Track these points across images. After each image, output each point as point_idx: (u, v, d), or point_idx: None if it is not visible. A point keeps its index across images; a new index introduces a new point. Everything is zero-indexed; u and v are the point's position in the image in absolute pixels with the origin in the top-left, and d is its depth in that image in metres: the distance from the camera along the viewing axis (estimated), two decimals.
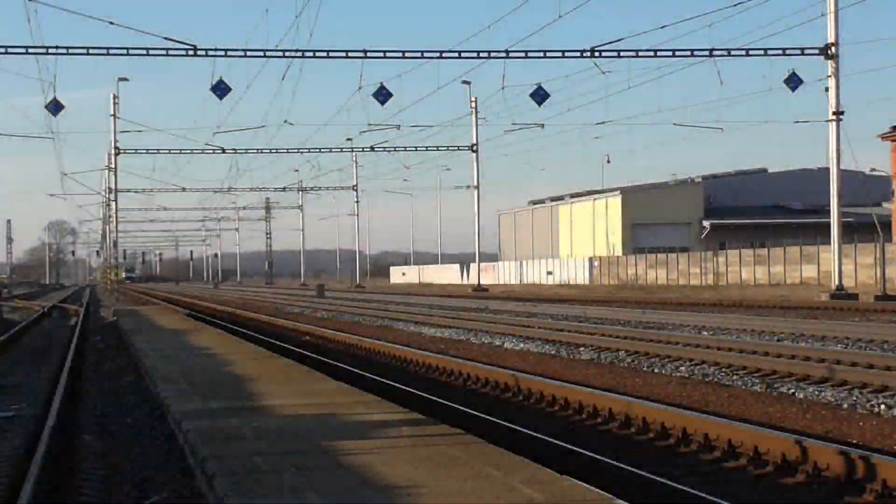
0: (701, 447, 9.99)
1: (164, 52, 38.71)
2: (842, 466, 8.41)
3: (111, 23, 36.74)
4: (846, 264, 49.52)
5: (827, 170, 42.19)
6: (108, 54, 38.53)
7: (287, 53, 39.40)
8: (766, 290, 54.66)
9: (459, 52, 40.32)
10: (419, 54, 40.34)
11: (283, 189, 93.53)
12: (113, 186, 61.70)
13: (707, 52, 39.43)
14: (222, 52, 39.41)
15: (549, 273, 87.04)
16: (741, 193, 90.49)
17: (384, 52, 40.31)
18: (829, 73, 39.37)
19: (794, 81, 39.75)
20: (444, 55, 40.30)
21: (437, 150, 64.65)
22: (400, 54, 40.30)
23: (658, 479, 8.13)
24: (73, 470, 9.84)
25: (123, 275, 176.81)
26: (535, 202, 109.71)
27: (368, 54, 39.88)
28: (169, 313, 36.09)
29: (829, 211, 41.36)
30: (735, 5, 35.62)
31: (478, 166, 65.65)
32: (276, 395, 11.04)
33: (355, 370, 16.54)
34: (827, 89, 39.64)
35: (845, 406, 12.58)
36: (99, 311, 49.83)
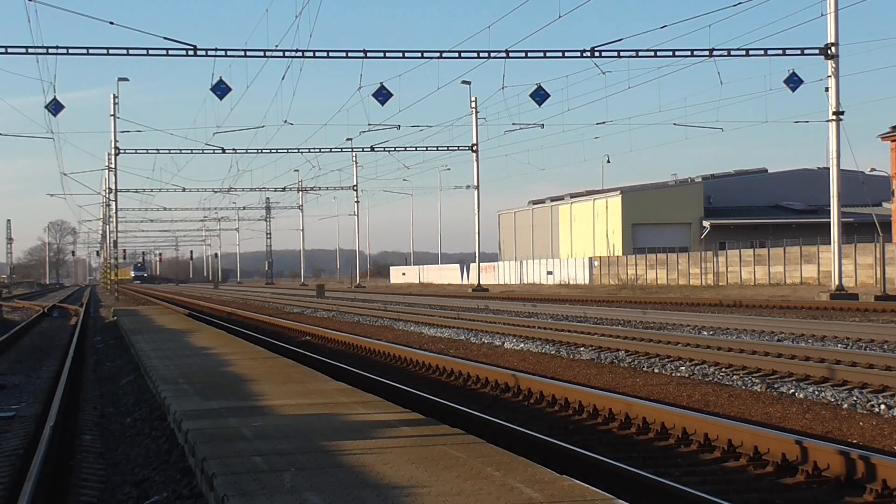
0: (701, 447, 9.98)
1: (164, 52, 38.73)
2: (842, 466, 8.41)
3: (111, 23, 36.79)
4: (846, 264, 49.62)
5: (827, 170, 42.21)
6: (108, 54, 38.59)
7: (287, 53, 39.45)
8: (766, 290, 54.66)
9: (459, 52, 40.34)
10: (419, 54, 40.36)
11: (283, 189, 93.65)
12: (113, 186, 61.73)
13: (707, 52, 39.45)
14: (222, 52, 39.44)
15: (549, 273, 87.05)
16: (741, 193, 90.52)
17: (384, 52, 40.32)
18: (829, 73, 39.37)
19: (794, 81, 39.77)
20: (444, 55, 40.31)
21: (437, 150, 64.72)
22: (400, 54, 40.31)
23: (658, 479, 8.13)
24: (73, 470, 9.85)
25: (132, 274, 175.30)
26: (535, 202, 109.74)
27: (368, 54, 39.89)
28: (169, 313, 36.08)
29: (829, 211, 41.36)
30: (735, 5, 35.70)
31: (478, 166, 65.75)
32: (276, 395, 11.04)
33: (355, 370, 16.54)
34: (827, 89, 39.65)
35: (845, 406, 12.58)
36: (99, 311, 49.83)
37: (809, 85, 40.27)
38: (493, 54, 40.07)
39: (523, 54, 40.07)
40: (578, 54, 39.55)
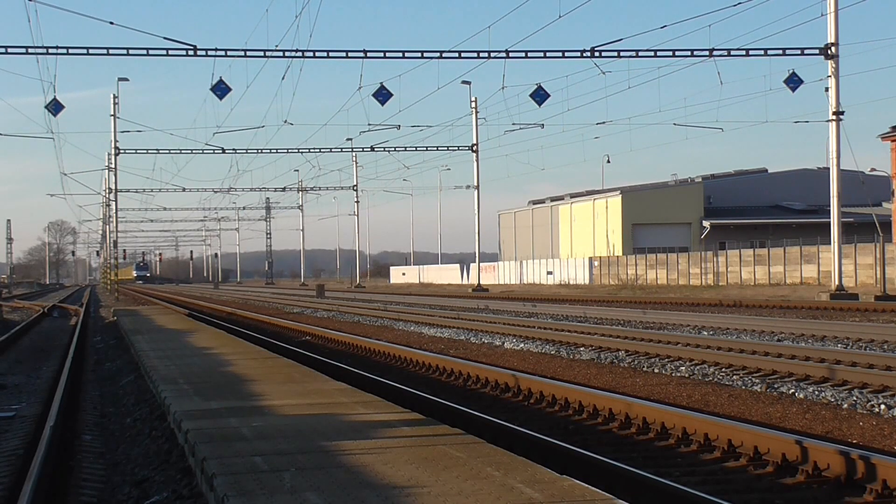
0: (701, 447, 9.99)
1: (164, 52, 38.73)
2: (842, 466, 8.41)
3: (111, 23, 36.82)
4: (846, 264, 49.61)
5: (827, 170, 42.21)
6: (108, 54, 38.59)
7: (287, 53, 39.44)
8: (766, 290, 54.65)
9: (459, 52, 40.33)
10: (419, 54, 40.36)
11: (283, 189, 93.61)
12: (113, 186, 61.74)
13: (707, 52, 39.45)
14: (222, 52, 39.43)
15: (549, 273, 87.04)
16: (741, 193, 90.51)
17: (384, 52, 40.31)
18: (829, 73, 39.37)
19: (794, 81, 39.77)
20: (444, 55, 40.31)
21: (437, 150, 64.73)
22: (400, 54, 40.32)
23: (658, 479, 8.13)
24: (73, 470, 9.85)
25: (134, 274, 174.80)
26: (535, 202, 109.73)
27: (368, 54, 39.89)
28: (169, 313, 36.08)
29: (829, 211, 41.36)
30: (735, 5, 35.70)
31: (478, 166, 65.77)
32: (276, 395, 11.04)
33: (355, 370, 16.54)
34: (827, 89, 39.65)
35: (845, 406, 12.58)
36: (99, 311, 49.83)
37: (809, 85, 40.32)
38: (493, 54, 40.08)
39: (523, 54, 40.08)
40: (578, 54, 39.56)
